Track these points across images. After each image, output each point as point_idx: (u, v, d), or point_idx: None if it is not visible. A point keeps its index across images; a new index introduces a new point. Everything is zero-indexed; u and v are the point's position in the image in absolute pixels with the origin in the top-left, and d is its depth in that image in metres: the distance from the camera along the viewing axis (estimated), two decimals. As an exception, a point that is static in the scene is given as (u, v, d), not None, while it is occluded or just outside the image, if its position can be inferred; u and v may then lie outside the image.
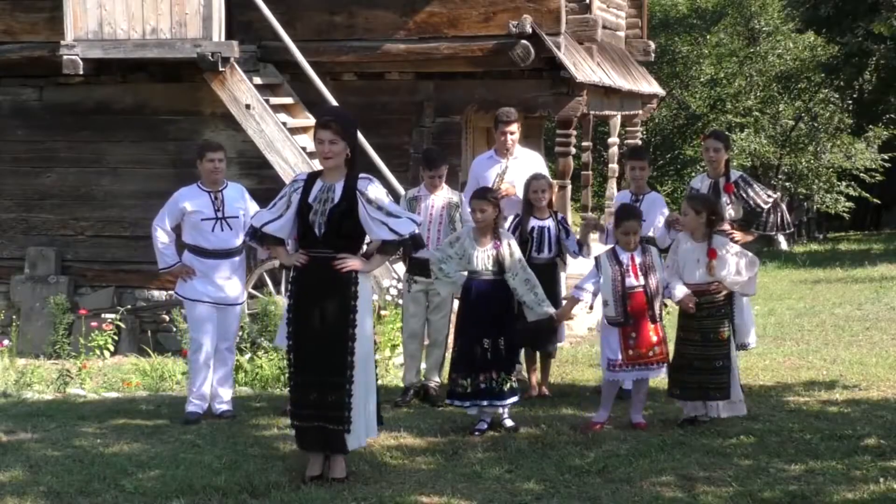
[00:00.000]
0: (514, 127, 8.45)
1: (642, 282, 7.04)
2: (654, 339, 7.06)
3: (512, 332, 7.16)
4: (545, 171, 8.63)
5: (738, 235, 7.74)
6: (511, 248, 7.12)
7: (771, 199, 7.97)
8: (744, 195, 7.89)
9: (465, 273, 7.12)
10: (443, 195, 8.18)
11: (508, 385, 7.09)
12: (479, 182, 8.42)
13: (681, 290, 7.04)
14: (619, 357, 7.07)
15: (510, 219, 8.20)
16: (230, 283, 7.82)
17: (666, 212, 8.15)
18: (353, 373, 5.98)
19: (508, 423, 7.15)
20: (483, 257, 7.06)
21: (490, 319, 7.07)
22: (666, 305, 7.52)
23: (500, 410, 7.15)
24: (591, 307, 7.50)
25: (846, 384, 8.55)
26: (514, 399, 7.17)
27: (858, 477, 5.99)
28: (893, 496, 5.66)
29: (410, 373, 8.26)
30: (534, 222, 8.02)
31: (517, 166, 8.39)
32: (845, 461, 6.28)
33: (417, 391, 8.22)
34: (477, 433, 7.04)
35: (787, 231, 8.34)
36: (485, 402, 7.08)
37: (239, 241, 7.78)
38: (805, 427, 7.07)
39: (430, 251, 7.42)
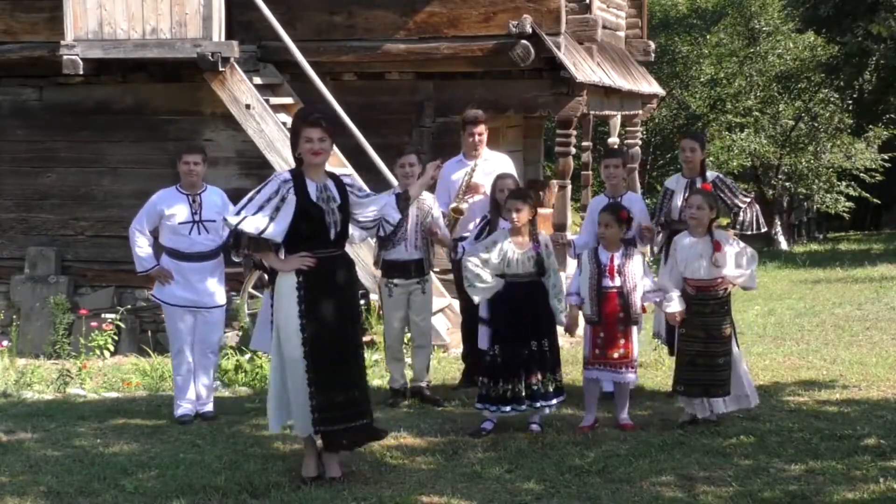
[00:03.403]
0: (482, 127, 8.35)
1: (618, 283, 7.06)
2: (622, 341, 7.09)
3: (554, 331, 7.09)
4: (514, 173, 8.37)
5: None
6: (549, 249, 7.07)
7: (748, 199, 8.13)
8: (721, 195, 7.96)
9: (502, 279, 6.97)
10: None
11: (554, 385, 7.03)
12: (448, 186, 8.33)
13: (675, 305, 7.04)
14: (590, 355, 7.14)
15: (478, 220, 8.10)
16: (208, 286, 7.75)
17: (645, 210, 8.14)
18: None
19: (535, 427, 7.06)
20: (524, 259, 6.95)
21: (535, 321, 6.98)
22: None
23: (546, 411, 7.08)
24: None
25: (846, 384, 8.54)
26: (561, 398, 7.10)
27: (858, 477, 6.00)
28: (893, 496, 5.67)
29: (397, 374, 8.23)
30: (503, 224, 7.45)
31: (486, 168, 8.27)
32: (845, 461, 6.29)
33: (405, 393, 8.19)
34: (483, 433, 6.99)
35: (762, 230, 8.40)
36: (537, 404, 6.98)
37: (216, 244, 7.71)
38: (805, 427, 7.07)
39: (464, 254, 7.32)
